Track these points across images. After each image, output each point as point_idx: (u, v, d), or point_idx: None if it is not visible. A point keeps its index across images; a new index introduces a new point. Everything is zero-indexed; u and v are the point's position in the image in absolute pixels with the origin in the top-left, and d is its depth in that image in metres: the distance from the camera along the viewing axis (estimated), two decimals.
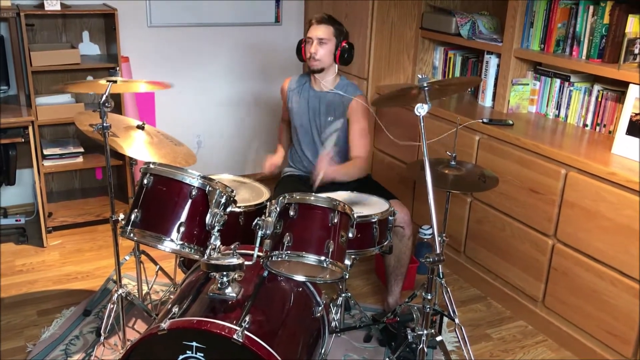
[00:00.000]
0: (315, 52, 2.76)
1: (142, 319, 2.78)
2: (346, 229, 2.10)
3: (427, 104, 2.05)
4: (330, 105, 2.85)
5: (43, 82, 3.68)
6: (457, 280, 3.30)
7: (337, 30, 2.79)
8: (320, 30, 2.76)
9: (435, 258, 1.94)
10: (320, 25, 2.77)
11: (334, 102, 2.85)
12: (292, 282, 2.13)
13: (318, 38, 2.76)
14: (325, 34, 2.76)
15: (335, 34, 2.78)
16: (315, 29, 2.77)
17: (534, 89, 3.20)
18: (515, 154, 2.84)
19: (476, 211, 3.11)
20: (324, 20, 2.78)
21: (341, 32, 2.81)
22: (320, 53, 2.77)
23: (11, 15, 3.23)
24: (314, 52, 2.76)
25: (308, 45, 2.80)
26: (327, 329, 2.21)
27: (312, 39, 2.77)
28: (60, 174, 3.93)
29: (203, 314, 1.84)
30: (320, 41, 2.76)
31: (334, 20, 2.81)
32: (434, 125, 3.24)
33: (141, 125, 2.55)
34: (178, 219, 2.03)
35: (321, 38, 2.76)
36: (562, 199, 2.64)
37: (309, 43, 2.79)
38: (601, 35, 2.77)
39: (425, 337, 2.08)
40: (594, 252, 2.53)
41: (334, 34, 2.78)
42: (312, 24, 2.79)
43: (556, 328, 2.77)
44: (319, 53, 2.76)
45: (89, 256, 3.41)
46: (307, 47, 2.81)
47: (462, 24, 3.44)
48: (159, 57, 4.02)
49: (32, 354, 2.54)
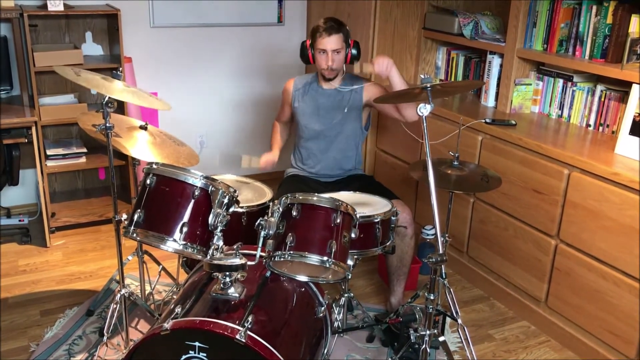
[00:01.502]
0: (333, 63, 2.77)
1: (145, 319, 2.79)
2: (349, 229, 2.10)
3: (430, 104, 2.04)
4: (342, 99, 2.86)
5: (46, 83, 3.68)
6: (459, 281, 3.30)
7: (345, 35, 2.79)
8: (333, 41, 2.74)
9: (438, 258, 1.94)
10: (332, 37, 2.74)
11: (345, 95, 2.86)
12: (294, 282, 2.13)
13: (332, 50, 2.75)
14: (338, 44, 2.76)
15: (344, 39, 2.78)
16: (328, 41, 2.74)
17: (537, 89, 3.19)
18: (518, 154, 2.83)
19: (479, 211, 3.11)
20: (333, 29, 2.75)
21: (348, 34, 2.82)
22: (337, 63, 2.78)
23: (14, 15, 3.23)
24: (332, 64, 2.77)
25: (321, 56, 2.78)
26: (329, 329, 2.21)
27: (326, 51, 2.76)
28: (63, 174, 3.94)
29: (206, 314, 1.84)
30: (334, 52, 2.76)
31: (339, 24, 2.79)
32: (436, 125, 3.24)
33: (144, 126, 2.56)
34: (181, 219, 2.04)
35: (335, 49, 2.75)
36: (565, 199, 2.64)
37: (322, 54, 2.77)
38: (604, 35, 2.76)
39: (428, 337, 2.08)
40: (597, 252, 2.52)
41: (344, 40, 2.78)
42: (322, 36, 2.75)
43: (559, 328, 2.77)
44: (335, 63, 2.78)
45: (92, 256, 3.42)
46: (319, 57, 2.80)
47: (465, 24, 3.43)
48: (162, 57, 4.02)
49: (35, 354, 2.54)
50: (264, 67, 4.37)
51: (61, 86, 3.73)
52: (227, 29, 4.16)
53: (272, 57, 4.36)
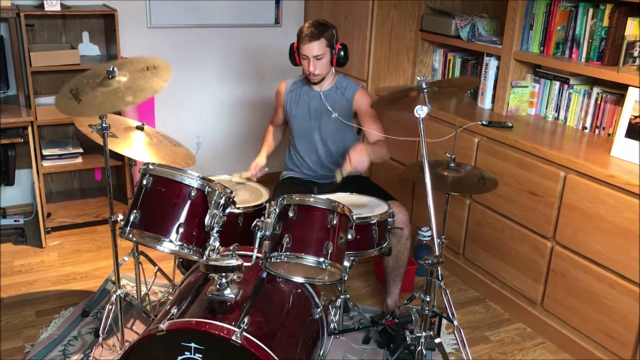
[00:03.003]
0: (314, 69, 2.74)
1: (141, 320, 2.78)
2: (345, 230, 2.10)
3: (427, 106, 2.05)
4: (334, 102, 2.85)
5: (42, 83, 3.68)
6: (456, 282, 3.30)
7: (328, 40, 2.72)
8: (313, 48, 2.70)
9: (434, 260, 1.94)
10: (312, 43, 2.69)
11: (336, 99, 2.85)
12: (291, 283, 2.13)
13: (314, 56, 2.72)
14: (319, 50, 2.71)
15: (328, 44, 2.73)
16: (309, 48, 2.70)
17: (534, 91, 3.20)
18: (515, 156, 2.84)
19: (475, 213, 3.11)
20: (313, 36, 2.69)
21: (332, 37, 2.74)
22: (319, 69, 2.75)
23: (11, 15, 3.23)
24: (313, 69, 2.74)
25: (305, 62, 2.76)
26: (325, 330, 2.21)
27: (307, 57, 2.73)
28: (59, 174, 3.93)
29: (202, 315, 1.84)
30: (316, 58, 2.73)
31: (322, 29, 2.72)
32: (433, 127, 3.24)
33: (140, 126, 2.55)
34: (177, 220, 2.04)
35: (317, 55, 2.72)
36: (561, 201, 2.64)
37: (305, 59, 2.75)
38: (600, 38, 2.77)
39: (424, 339, 2.08)
40: (593, 254, 2.53)
41: (327, 45, 2.73)
42: (304, 41, 2.71)
43: (555, 330, 2.77)
44: (318, 69, 2.75)
45: (88, 257, 3.41)
46: (303, 62, 2.78)
47: (462, 26, 3.44)
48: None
49: (30, 355, 2.53)
50: (261, 68, 4.37)
51: (57, 86, 3.72)
52: (224, 29, 4.16)
53: (269, 58, 4.36)
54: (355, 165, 2.58)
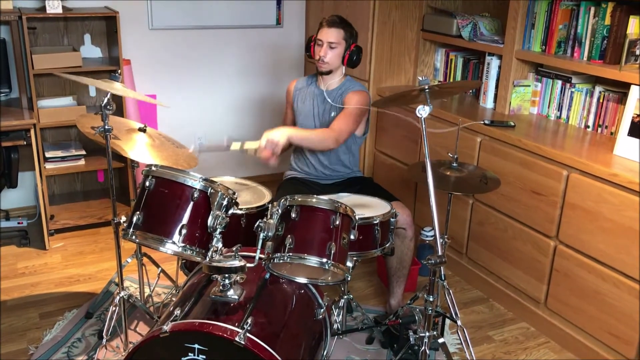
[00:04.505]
0: (325, 55, 2.76)
1: (144, 322, 2.78)
2: (348, 230, 2.10)
3: (429, 106, 2.05)
4: (334, 101, 2.86)
5: (45, 85, 3.68)
6: (459, 282, 3.30)
7: (347, 33, 2.79)
8: (331, 34, 2.75)
9: (437, 260, 1.94)
10: (331, 29, 2.75)
11: (336, 98, 2.86)
12: (294, 284, 2.13)
13: (328, 42, 2.76)
14: (335, 38, 2.76)
15: (345, 37, 2.78)
16: (326, 33, 2.76)
17: (536, 90, 3.20)
18: (517, 156, 2.83)
19: (478, 213, 3.11)
20: (335, 23, 2.76)
21: (351, 34, 2.81)
22: (330, 56, 2.77)
23: (13, 18, 3.23)
24: (323, 55, 2.76)
25: (318, 47, 2.80)
26: (329, 331, 2.21)
27: (322, 42, 2.77)
28: (62, 176, 3.93)
29: (205, 316, 1.84)
30: (330, 44, 2.76)
31: (345, 23, 2.80)
32: (435, 126, 3.24)
33: (143, 128, 2.55)
34: (180, 221, 2.04)
35: (331, 42, 2.75)
36: (564, 200, 2.64)
37: (319, 45, 2.79)
38: (602, 37, 2.76)
39: (428, 339, 2.08)
40: (596, 253, 2.53)
41: (344, 37, 2.78)
42: (323, 26, 2.78)
43: (558, 330, 2.77)
44: (328, 56, 2.77)
45: (91, 259, 3.42)
46: (316, 49, 2.81)
47: (464, 26, 3.44)
48: (161, 59, 4.02)
49: (34, 357, 2.54)
50: (262, 70, 4.37)
51: (60, 88, 3.73)
52: (225, 31, 4.17)
53: (270, 59, 4.36)
54: (265, 137, 2.56)
